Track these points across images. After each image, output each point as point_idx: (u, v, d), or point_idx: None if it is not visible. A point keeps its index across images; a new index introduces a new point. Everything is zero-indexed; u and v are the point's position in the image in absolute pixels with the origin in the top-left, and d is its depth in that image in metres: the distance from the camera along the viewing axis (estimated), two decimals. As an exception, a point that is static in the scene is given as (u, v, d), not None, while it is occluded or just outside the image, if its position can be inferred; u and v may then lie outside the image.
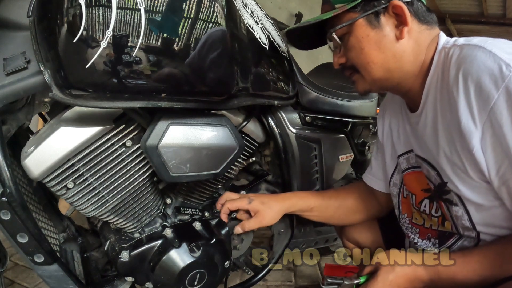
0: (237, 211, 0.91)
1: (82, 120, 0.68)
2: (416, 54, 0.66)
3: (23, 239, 0.66)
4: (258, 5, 0.92)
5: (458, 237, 0.73)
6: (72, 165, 0.68)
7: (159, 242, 0.83)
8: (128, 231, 0.84)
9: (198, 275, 0.86)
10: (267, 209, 0.88)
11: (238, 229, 0.88)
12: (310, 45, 0.81)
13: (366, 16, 0.64)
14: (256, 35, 0.83)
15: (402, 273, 0.69)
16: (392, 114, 0.87)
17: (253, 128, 0.95)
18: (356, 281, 0.75)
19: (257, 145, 0.99)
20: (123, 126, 0.71)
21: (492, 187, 0.60)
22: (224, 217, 0.90)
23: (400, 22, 0.64)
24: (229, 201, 0.89)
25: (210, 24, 0.66)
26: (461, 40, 0.63)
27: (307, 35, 0.77)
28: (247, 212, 0.90)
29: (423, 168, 0.75)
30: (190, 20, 0.64)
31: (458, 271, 0.64)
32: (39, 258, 0.70)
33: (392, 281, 0.68)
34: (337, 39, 0.68)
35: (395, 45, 0.65)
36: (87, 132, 0.67)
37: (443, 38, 0.67)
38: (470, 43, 0.59)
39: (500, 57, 0.53)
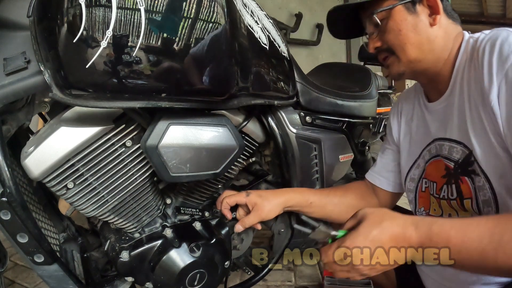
0: (236, 208, 0.91)
1: (82, 120, 0.68)
2: (445, 41, 0.74)
3: (23, 239, 0.66)
4: (258, 5, 0.92)
5: None
6: (72, 165, 0.68)
7: (159, 242, 0.83)
8: (128, 231, 0.84)
9: (198, 275, 0.86)
10: (264, 201, 0.88)
11: (238, 227, 0.88)
12: (344, 34, 0.92)
13: (404, 3, 0.73)
14: (256, 35, 0.83)
15: (389, 229, 0.60)
16: (408, 111, 0.92)
17: (253, 128, 0.95)
18: (333, 233, 0.66)
19: (257, 145, 0.99)
20: (123, 126, 0.71)
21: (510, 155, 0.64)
22: (226, 212, 0.89)
23: (433, 12, 0.73)
24: (227, 196, 0.89)
25: (210, 24, 0.66)
26: (487, 31, 0.71)
27: (344, 23, 0.87)
28: (246, 209, 0.90)
29: (444, 150, 0.78)
30: (190, 20, 0.64)
31: (454, 235, 0.56)
32: (39, 258, 0.70)
33: (375, 237, 0.59)
34: (378, 20, 0.75)
35: (429, 30, 0.73)
36: (87, 132, 0.67)
37: (467, 33, 0.76)
38: (497, 29, 0.68)
39: None
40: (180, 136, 0.72)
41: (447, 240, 0.56)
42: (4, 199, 0.61)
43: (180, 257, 0.83)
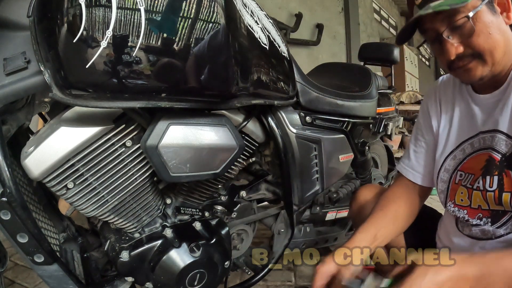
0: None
1: (82, 120, 0.68)
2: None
3: (23, 239, 0.66)
4: (258, 5, 0.92)
5: (511, 215, 0.73)
6: (72, 165, 0.68)
7: (159, 242, 0.83)
8: (128, 231, 0.84)
9: (198, 275, 0.86)
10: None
11: None
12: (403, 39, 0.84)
13: (486, 3, 0.70)
14: (256, 35, 0.83)
15: (447, 274, 0.58)
16: (448, 102, 0.88)
17: (253, 128, 0.95)
18: (382, 285, 0.64)
19: (257, 145, 0.99)
20: (123, 126, 0.71)
21: None
22: None
23: (504, 9, 0.71)
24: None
25: (210, 24, 0.66)
26: None
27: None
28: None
29: (491, 141, 0.75)
30: (190, 20, 0.64)
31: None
32: (39, 258, 0.69)
33: (433, 283, 0.57)
34: (472, 24, 0.69)
35: (507, 29, 0.72)
36: (87, 132, 0.67)
37: None
38: None
39: None
40: (180, 136, 0.72)
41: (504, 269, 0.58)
42: (4, 199, 0.61)
43: (180, 257, 0.83)
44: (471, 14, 0.68)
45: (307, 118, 1.08)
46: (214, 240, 0.89)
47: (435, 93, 0.92)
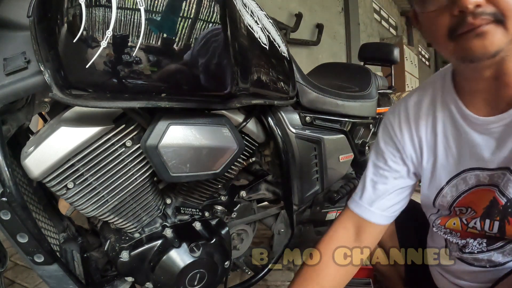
0: None
1: (82, 120, 0.68)
2: None
3: (23, 239, 0.66)
4: (258, 5, 0.92)
5: (508, 241, 0.65)
6: (72, 165, 0.68)
7: (159, 242, 0.83)
8: (128, 231, 0.84)
9: (198, 275, 0.86)
10: None
11: None
12: None
13: None
14: (256, 35, 0.82)
15: None
16: (430, 125, 0.70)
17: (253, 128, 0.95)
18: None
19: (257, 145, 0.99)
20: (123, 126, 0.71)
21: None
22: None
23: None
24: None
25: (210, 24, 0.66)
26: None
27: None
28: None
29: (499, 181, 0.62)
30: (190, 20, 0.64)
31: None
32: (39, 258, 0.69)
33: None
34: None
35: None
36: (87, 132, 0.67)
37: None
38: None
39: None
40: (180, 136, 0.72)
41: None
42: (4, 199, 0.61)
43: (180, 257, 0.83)
44: None
45: (307, 118, 1.08)
46: (214, 240, 0.89)
47: (404, 113, 0.73)
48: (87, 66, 0.57)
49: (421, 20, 0.60)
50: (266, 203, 1.20)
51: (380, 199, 0.75)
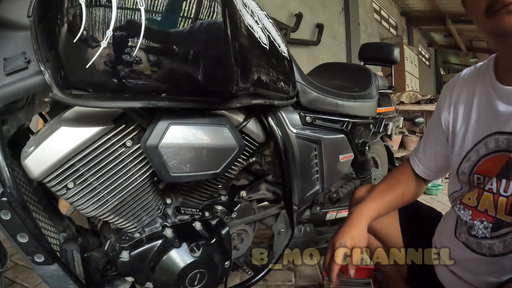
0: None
1: (82, 120, 0.68)
2: None
3: (23, 239, 0.66)
4: (258, 5, 0.92)
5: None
6: (72, 165, 0.68)
7: (159, 242, 0.83)
8: (128, 231, 0.84)
9: (198, 275, 0.86)
10: (357, 240, 0.85)
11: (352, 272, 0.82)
12: None
13: None
14: (256, 35, 0.82)
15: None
16: (468, 97, 0.79)
17: (253, 128, 0.95)
18: None
19: (257, 145, 0.99)
20: (123, 126, 0.71)
21: None
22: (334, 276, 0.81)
23: None
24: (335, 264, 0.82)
25: (210, 24, 0.66)
26: None
27: None
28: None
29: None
30: (190, 20, 0.64)
31: None
32: (39, 258, 0.69)
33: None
34: None
35: None
36: (87, 132, 0.67)
37: None
38: None
39: None
40: (180, 136, 0.72)
41: None
42: (4, 199, 0.61)
43: (180, 257, 0.83)
44: None
45: (307, 118, 1.08)
46: (214, 240, 0.89)
47: (454, 87, 0.84)
48: (87, 66, 0.57)
49: (466, 2, 0.68)
50: (266, 203, 1.20)
51: (424, 158, 0.93)
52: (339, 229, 0.87)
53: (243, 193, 1.05)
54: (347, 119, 1.20)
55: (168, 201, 0.91)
